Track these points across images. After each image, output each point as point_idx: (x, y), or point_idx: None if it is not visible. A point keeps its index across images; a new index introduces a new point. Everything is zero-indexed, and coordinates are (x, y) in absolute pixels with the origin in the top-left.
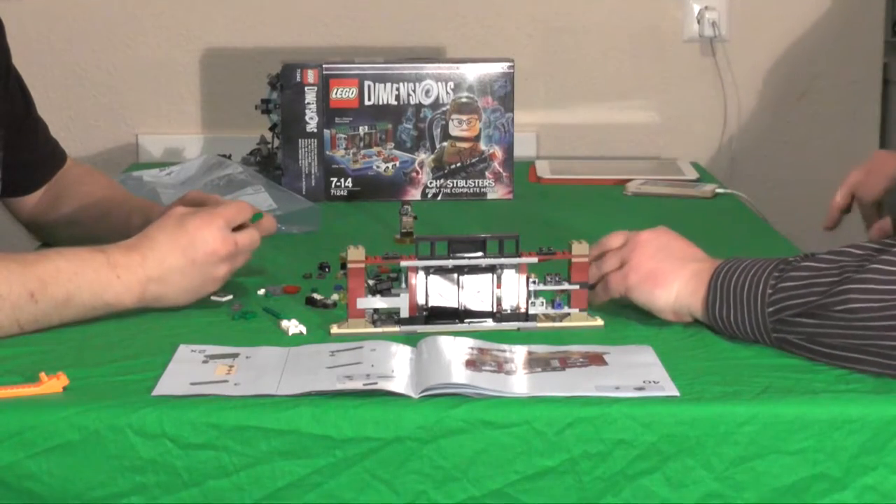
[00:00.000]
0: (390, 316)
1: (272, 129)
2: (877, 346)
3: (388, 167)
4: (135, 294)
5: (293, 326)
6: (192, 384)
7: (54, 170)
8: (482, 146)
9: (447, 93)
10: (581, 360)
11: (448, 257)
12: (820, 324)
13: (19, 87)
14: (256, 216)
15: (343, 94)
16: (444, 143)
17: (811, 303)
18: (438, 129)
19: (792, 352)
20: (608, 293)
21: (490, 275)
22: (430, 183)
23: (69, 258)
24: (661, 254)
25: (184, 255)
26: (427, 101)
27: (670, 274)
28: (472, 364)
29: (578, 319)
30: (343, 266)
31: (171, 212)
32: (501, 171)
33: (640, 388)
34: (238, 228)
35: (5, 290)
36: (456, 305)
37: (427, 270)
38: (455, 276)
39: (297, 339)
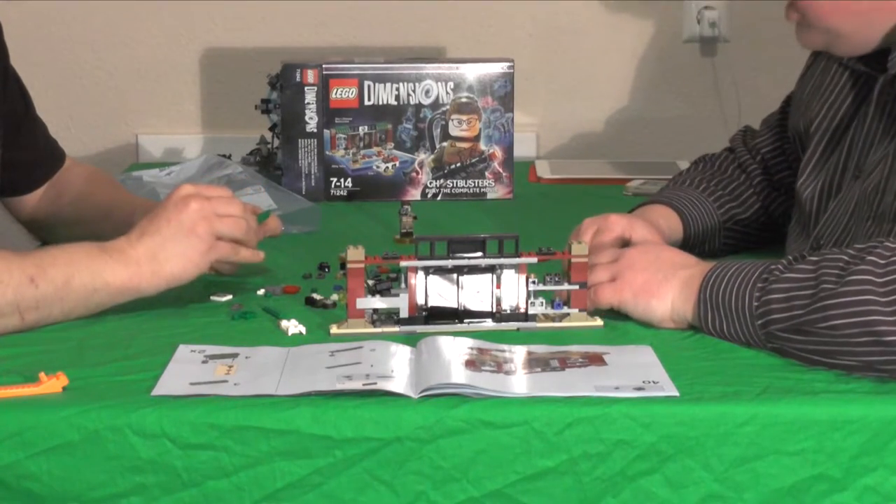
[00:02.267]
0: (390, 316)
1: (272, 129)
2: (865, 362)
3: (387, 167)
4: (131, 272)
5: (293, 326)
6: (192, 384)
7: (53, 169)
8: (482, 146)
9: (447, 93)
10: (580, 360)
11: (448, 257)
12: (808, 339)
13: (18, 88)
14: (263, 216)
15: (343, 94)
16: (444, 143)
17: (796, 318)
18: (438, 129)
19: (789, 358)
20: (595, 304)
21: (490, 275)
22: (430, 183)
23: (63, 247)
24: (652, 267)
25: (158, 220)
26: (427, 101)
27: (664, 283)
28: (471, 364)
29: (578, 319)
30: (343, 266)
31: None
32: (501, 171)
33: (640, 389)
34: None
35: (6, 277)
36: (455, 305)
37: (427, 270)
38: (455, 276)
39: (297, 339)
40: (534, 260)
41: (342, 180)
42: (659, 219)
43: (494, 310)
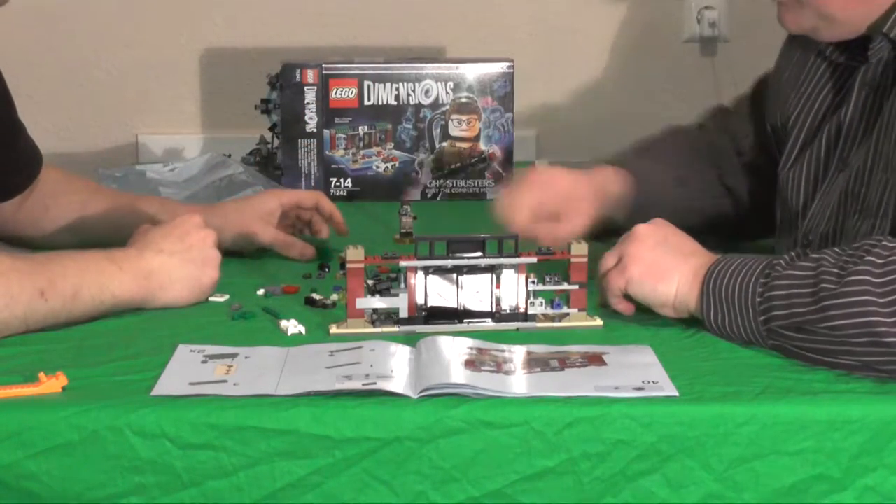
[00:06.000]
0: (389, 316)
1: (272, 128)
2: (865, 363)
3: (387, 167)
4: (140, 285)
5: (292, 326)
6: (192, 384)
7: (35, 174)
8: (482, 146)
9: (447, 93)
10: (580, 360)
11: (447, 257)
12: (808, 338)
13: (1, 90)
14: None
15: (343, 94)
16: (444, 143)
17: (797, 315)
18: (438, 129)
19: (789, 357)
20: (607, 291)
21: (489, 275)
22: (430, 183)
23: (73, 256)
24: (660, 248)
25: (180, 241)
26: (427, 101)
27: (673, 269)
28: (471, 364)
29: (577, 319)
30: (342, 266)
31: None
32: (501, 171)
33: (640, 389)
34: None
35: (17, 291)
36: (455, 305)
37: (426, 270)
38: (454, 276)
39: (297, 339)
40: (533, 260)
41: (342, 180)
42: (612, 186)
43: (494, 310)
